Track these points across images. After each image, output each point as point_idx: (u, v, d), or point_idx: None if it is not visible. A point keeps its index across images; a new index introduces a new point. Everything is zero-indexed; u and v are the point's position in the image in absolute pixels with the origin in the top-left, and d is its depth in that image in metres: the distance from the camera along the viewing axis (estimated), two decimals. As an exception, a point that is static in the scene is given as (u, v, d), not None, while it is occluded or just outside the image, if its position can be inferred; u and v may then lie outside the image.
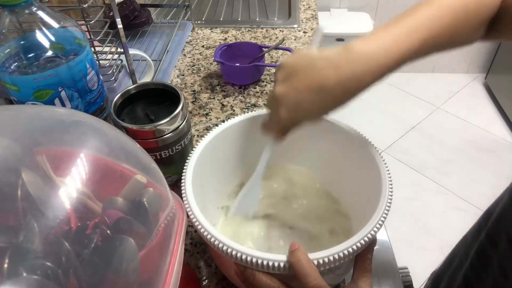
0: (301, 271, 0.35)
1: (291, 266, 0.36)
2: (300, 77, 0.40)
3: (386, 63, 0.39)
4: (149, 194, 0.34)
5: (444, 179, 1.81)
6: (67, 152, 0.32)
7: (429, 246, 1.55)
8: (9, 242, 0.26)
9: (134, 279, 0.29)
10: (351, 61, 0.39)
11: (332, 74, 0.39)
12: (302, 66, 0.41)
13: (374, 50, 0.39)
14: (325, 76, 0.39)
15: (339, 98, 0.40)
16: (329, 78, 0.39)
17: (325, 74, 0.39)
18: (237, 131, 0.52)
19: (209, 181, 0.50)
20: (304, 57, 0.41)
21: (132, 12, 0.93)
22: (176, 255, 0.34)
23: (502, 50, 2.15)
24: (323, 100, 0.40)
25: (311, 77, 0.40)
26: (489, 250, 0.48)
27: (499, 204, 0.50)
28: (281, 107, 0.41)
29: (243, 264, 0.37)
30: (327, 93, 0.39)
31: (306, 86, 0.40)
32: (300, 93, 0.40)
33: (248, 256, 0.36)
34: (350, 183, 0.52)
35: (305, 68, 0.41)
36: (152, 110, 0.52)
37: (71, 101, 0.53)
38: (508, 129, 2.05)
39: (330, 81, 0.39)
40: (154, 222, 0.34)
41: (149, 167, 0.38)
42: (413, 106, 2.22)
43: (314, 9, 1.12)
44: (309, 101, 0.40)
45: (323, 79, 0.39)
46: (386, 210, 0.40)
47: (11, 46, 0.49)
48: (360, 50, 0.39)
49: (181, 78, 0.86)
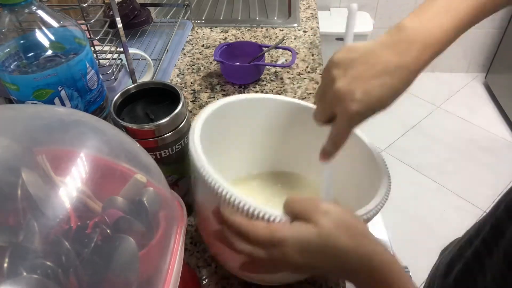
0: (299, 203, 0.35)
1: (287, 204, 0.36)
2: (360, 68, 0.39)
3: (442, 35, 0.38)
4: (149, 194, 0.34)
5: (444, 179, 1.81)
6: (67, 152, 0.32)
7: (429, 246, 1.55)
8: (9, 242, 0.26)
9: (134, 279, 0.29)
10: (407, 40, 0.38)
11: (392, 55, 0.38)
12: (357, 57, 0.39)
13: (425, 25, 0.38)
14: (387, 58, 0.38)
15: (406, 77, 0.38)
16: (391, 59, 0.38)
17: (386, 57, 0.38)
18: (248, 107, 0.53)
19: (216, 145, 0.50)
20: (355, 49, 0.40)
21: (132, 11, 0.93)
22: (176, 255, 0.34)
23: (502, 50, 2.15)
24: (391, 81, 0.38)
25: (372, 64, 0.38)
26: (505, 223, 0.47)
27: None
28: (350, 102, 0.38)
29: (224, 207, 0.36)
30: (393, 74, 0.38)
31: (371, 74, 0.38)
32: (366, 81, 0.38)
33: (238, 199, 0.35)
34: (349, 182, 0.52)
35: (362, 56, 0.39)
36: (152, 110, 0.52)
37: (71, 100, 0.52)
38: (508, 128, 2.05)
39: (392, 62, 0.38)
40: (154, 222, 0.34)
41: (149, 166, 0.38)
42: (413, 106, 2.22)
43: (314, 9, 1.11)
44: (378, 86, 0.38)
45: (386, 62, 0.38)
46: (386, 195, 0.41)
47: (11, 45, 0.49)
48: (413, 27, 0.38)
49: (181, 78, 0.86)
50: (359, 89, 0.38)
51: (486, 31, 2.22)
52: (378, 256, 0.34)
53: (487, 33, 2.23)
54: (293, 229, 0.34)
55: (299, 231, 0.34)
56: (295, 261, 0.34)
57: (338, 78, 0.39)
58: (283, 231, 0.34)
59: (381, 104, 0.39)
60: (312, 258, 0.34)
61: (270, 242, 0.34)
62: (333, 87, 0.39)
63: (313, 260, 0.34)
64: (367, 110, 0.39)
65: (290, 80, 0.84)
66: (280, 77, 0.85)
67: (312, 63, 0.89)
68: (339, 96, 0.39)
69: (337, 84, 0.39)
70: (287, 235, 0.34)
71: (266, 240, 0.34)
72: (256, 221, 0.35)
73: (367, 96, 0.38)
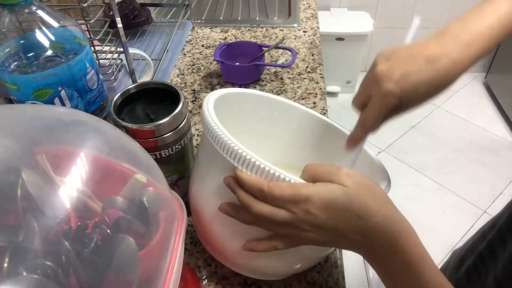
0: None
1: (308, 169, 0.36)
2: (402, 54, 0.40)
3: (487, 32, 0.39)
4: (149, 194, 0.34)
5: (444, 179, 1.81)
6: (67, 152, 0.32)
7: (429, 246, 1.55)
8: (9, 242, 0.26)
9: (134, 279, 0.29)
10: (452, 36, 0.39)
11: (435, 46, 0.39)
12: (402, 48, 0.41)
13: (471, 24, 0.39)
14: (429, 49, 0.39)
15: (447, 68, 0.38)
16: (434, 50, 0.39)
17: (429, 48, 0.39)
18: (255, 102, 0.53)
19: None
20: (402, 45, 0.41)
21: (132, 12, 0.93)
22: (176, 255, 0.34)
23: (502, 50, 2.15)
24: (429, 70, 0.38)
25: (415, 53, 0.39)
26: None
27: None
28: (386, 82, 0.39)
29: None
30: (434, 63, 0.38)
31: (412, 60, 0.39)
32: (405, 66, 0.39)
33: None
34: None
35: (406, 48, 0.40)
36: (152, 110, 0.52)
37: (71, 100, 0.52)
38: (508, 128, 2.05)
39: (435, 53, 0.39)
40: (154, 222, 0.34)
41: (149, 166, 0.38)
42: (413, 106, 2.22)
43: (314, 9, 1.11)
44: (416, 71, 0.38)
45: (428, 51, 0.39)
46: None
47: (11, 45, 0.49)
48: (457, 27, 0.40)
49: (181, 78, 0.86)
50: (397, 72, 0.39)
51: (486, 31, 2.22)
52: (400, 223, 0.34)
53: (487, 33, 2.23)
54: (318, 187, 0.34)
55: (325, 189, 0.34)
56: (318, 220, 0.33)
57: (379, 63, 0.40)
58: (308, 188, 0.34)
59: (416, 91, 0.39)
60: (336, 217, 0.33)
61: (295, 199, 0.33)
62: (375, 70, 0.40)
63: (337, 219, 0.33)
64: (401, 92, 0.39)
65: (290, 80, 0.84)
66: (280, 77, 0.85)
67: (312, 63, 0.89)
68: (377, 78, 0.40)
69: (378, 67, 0.40)
70: (313, 192, 0.33)
71: (291, 196, 0.34)
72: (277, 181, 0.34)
73: (404, 79, 0.38)
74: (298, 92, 0.81)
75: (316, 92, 0.80)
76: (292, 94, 0.81)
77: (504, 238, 0.49)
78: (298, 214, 0.34)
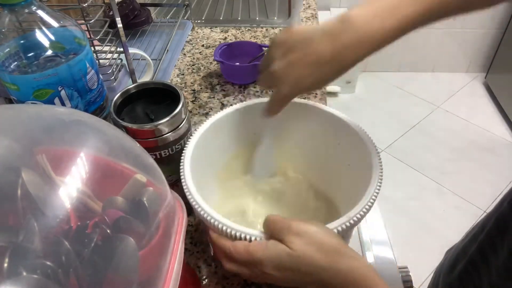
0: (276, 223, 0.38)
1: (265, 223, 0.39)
2: (298, 53, 0.41)
3: (383, 32, 0.38)
4: (149, 194, 0.34)
5: (444, 179, 1.81)
6: (67, 152, 0.32)
7: (429, 246, 1.55)
8: (9, 242, 0.26)
9: (134, 279, 0.29)
10: (346, 32, 0.39)
11: (328, 46, 0.40)
12: (298, 41, 0.42)
13: (369, 20, 0.38)
14: (322, 49, 0.40)
15: (336, 70, 0.41)
16: (325, 51, 0.40)
17: (322, 47, 0.40)
18: (233, 120, 0.55)
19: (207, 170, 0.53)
20: (299, 32, 0.42)
21: (132, 11, 0.93)
22: (176, 255, 0.34)
23: (502, 50, 2.15)
24: (321, 73, 0.41)
25: (308, 52, 0.41)
26: (509, 218, 0.48)
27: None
28: (282, 84, 0.43)
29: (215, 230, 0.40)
30: (325, 66, 0.41)
31: (304, 62, 0.41)
32: (299, 69, 0.42)
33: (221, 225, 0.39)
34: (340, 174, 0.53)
35: (301, 42, 0.41)
36: (152, 110, 0.52)
37: (71, 100, 0.52)
38: (508, 128, 2.05)
39: (326, 55, 0.40)
40: (154, 222, 0.34)
41: (149, 166, 0.38)
42: (413, 106, 2.22)
43: (314, 9, 1.11)
44: (308, 76, 0.42)
45: (320, 53, 0.40)
46: (377, 189, 0.42)
47: (11, 45, 0.49)
48: (356, 19, 0.39)
49: (181, 78, 0.86)
50: (291, 76, 0.42)
51: (486, 31, 2.22)
52: (353, 273, 0.35)
53: (487, 33, 2.23)
54: (268, 250, 0.37)
55: (273, 252, 0.37)
56: (274, 278, 0.37)
57: (276, 60, 0.43)
58: (259, 252, 0.37)
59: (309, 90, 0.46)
60: (289, 275, 0.37)
61: (250, 262, 0.38)
62: (272, 66, 0.44)
63: (290, 276, 0.37)
64: (297, 93, 0.44)
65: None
66: (280, 77, 0.85)
67: (312, 63, 0.89)
68: (275, 76, 0.43)
69: (275, 65, 0.43)
70: (263, 256, 0.37)
71: (246, 261, 0.38)
72: (238, 242, 0.39)
73: (298, 83, 0.43)
74: (298, 92, 0.81)
75: (316, 92, 0.80)
76: (292, 94, 0.81)
77: (493, 241, 0.49)
78: (257, 273, 0.38)
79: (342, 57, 0.40)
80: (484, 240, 0.52)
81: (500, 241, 0.48)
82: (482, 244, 0.52)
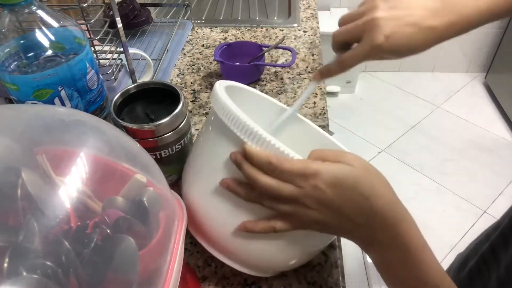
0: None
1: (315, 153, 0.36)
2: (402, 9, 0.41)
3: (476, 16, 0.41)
4: (149, 194, 0.34)
5: (444, 179, 1.81)
6: (67, 152, 0.32)
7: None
8: (9, 242, 0.26)
9: (134, 279, 0.29)
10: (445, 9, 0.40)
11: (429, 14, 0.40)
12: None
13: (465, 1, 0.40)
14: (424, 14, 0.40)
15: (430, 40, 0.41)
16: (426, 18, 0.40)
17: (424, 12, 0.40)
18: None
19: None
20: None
21: (132, 11, 0.93)
22: (176, 254, 0.34)
23: (502, 50, 2.15)
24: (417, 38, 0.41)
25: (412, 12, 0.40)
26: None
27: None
28: (380, 34, 0.40)
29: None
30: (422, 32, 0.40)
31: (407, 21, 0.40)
32: (401, 25, 0.40)
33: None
34: None
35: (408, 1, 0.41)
36: (152, 110, 0.52)
37: (71, 100, 0.52)
38: (508, 128, 2.05)
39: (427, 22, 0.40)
40: (154, 222, 0.34)
41: (149, 166, 0.38)
42: (413, 106, 2.22)
43: (314, 8, 1.11)
44: (408, 34, 0.40)
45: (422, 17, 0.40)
46: None
47: (11, 45, 0.49)
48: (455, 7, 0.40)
49: (181, 78, 0.86)
50: (392, 28, 0.40)
51: (486, 31, 2.22)
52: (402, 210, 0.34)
53: (487, 33, 2.23)
54: (328, 165, 0.34)
55: (335, 167, 0.34)
56: (325, 196, 0.33)
57: (380, 9, 0.41)
58: (317, 164, 0.34)
59: (399, 51, 0.42)
60: (343, 195, 0.33)
61: (304, 172, 0.33)
62: (373, 14, 0.41)
63: (344, 198, 0.33)
64: (388, 49, 0.41)
65: (290, 80, 0.84)
66: (280, 77, 0.85)
67: (312, 63, 0.89)
68: (374, 24, 0.41)
69: (378, 13, 0.41)
70: (322, 168, 0.33)
71: (300, 170, 0.33)
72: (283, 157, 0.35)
73: (395, 38, 0.40)
74: (298, 92, 0.81)
75: (316, 92, 0.80)
76: (292, 94, 0.81)
77: (506, 240, 0.49)
78: (305, 189, 0.33)
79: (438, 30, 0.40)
80: (497, 238, 0.52)
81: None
82: (494, 242, 0.52)
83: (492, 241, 0.52)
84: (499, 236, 0.51)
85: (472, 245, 0.60)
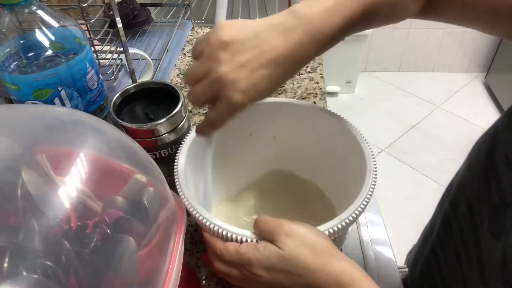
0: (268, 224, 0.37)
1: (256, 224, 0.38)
2: (249, 54, 0.36)
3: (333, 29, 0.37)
4: (149, 193, 0.34)
5: (444, 179, 1.80)
6: (67, 151, 0.32)
7: (429, 246, 1.55)
8: (9, 242, 0.26)
9: (134, 279, 0.29)
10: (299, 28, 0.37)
11: (282, 43, 0.36)
12: (249, 38, 0.36)
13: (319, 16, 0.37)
14: (276, 47, 0.36)
15: (291, 69, 0.38)
16: (280, 49, 0.36)
17: (275, 44, 0.36)
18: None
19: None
20: (247, 27, 0.37)
21: (132, 11, 0.93)
22: (176, 255, 0.34)
23: (502, 50, 2.15)
24: (277, 74, 0.37)
25: (264, 49, 0.36)
26: (451, 217, 0.50)
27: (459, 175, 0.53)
28: (234, 92, 0.36)
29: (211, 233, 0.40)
30: (281, 66, 0.37)
31: (259, 62, 0.36)
32: (253, 71, 0.36)
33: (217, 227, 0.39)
34: (333, 170, 0.53)
35: (253, 39, 0.36)
36: (152, 109, 0.52)
37: (71, 100, 0.52)
38: (508, 128, 2.05)
39: (282, 53, 0.36)
40: (154, 222, 0.34)
41: (149, 166, 0.37)
42: (413, 106, 2.22)
43: (314, 9, 1.11)
44: (266, 77, 0.37)
45: (275, 51, 0.36)
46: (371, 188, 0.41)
47: (11, 45, 0.49)
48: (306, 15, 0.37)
49: (181, 77, 0.86)
50: (245, 80, 0.36)
51: (486, 31, 2.22)
52: (344, 275, 0.35)
53: (487, 33, 2.23)
54: (258, 251, 0.36)
55: (263, 253, 0.36)
56: (264, 279, 0.36)
57: (224, 63, 0.36)
58: (249, 253, 0.36)
59: (265, 96, 0.38)
60: (279, 276, 0.36)
61: (240, 262, 0.37)
62: (218, 71, 0.36)
63: (280, 278, 0.36)
64: (250, 100, 0.37)
65: (290, 80, 0.84)
66: (280, 77, 0.85)
67: (312, 63, 0.89)
68: (223, 83, 0.36)
69: (223, 69, 0.36)
70: (253, 257, 0.36)
71: (237, 261, 0.37)
72: (229, 243, 0.38)
73: (253, 88, 0.37)
74: (298, 92, 0.81)
75: (316, 92, 0.80)
76: (292, 94, 0.81)
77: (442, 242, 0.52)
78: (246, 274, 0.37)
79: (297, 57, 0.37)
80: (434, 240, 0.54)
81: (446, 240, 0.50)
82: (433, 245, 0.55)
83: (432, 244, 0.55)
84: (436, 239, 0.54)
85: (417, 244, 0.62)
